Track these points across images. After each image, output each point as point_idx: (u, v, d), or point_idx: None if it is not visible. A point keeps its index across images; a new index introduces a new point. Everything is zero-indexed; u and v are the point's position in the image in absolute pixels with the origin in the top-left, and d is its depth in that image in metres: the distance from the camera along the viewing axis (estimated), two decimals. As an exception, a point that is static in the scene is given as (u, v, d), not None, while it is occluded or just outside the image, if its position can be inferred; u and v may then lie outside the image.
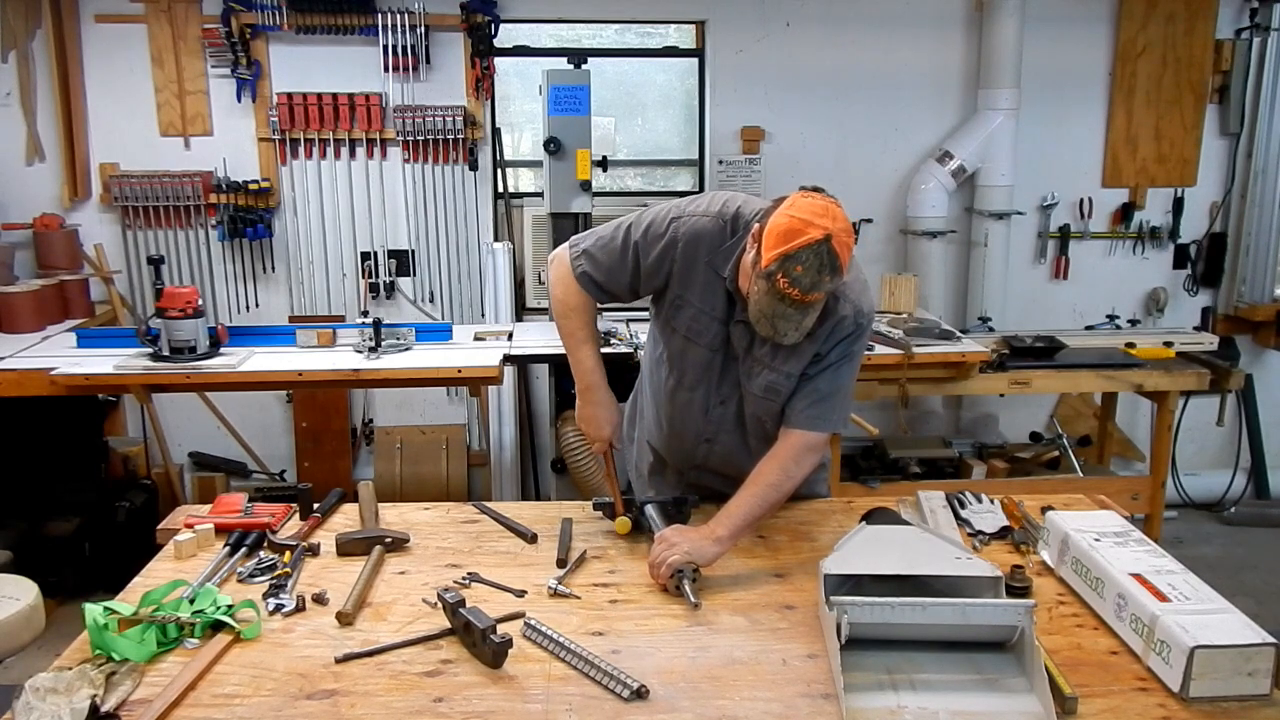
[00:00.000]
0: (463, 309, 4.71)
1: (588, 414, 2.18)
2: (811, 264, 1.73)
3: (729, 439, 2.16)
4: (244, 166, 4.48)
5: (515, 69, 4.73)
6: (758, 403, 2.06)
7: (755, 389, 2.03)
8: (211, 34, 4.33)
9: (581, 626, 1.72)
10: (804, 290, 1.74)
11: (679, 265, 2.02)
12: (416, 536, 2.06)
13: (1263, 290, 4.81)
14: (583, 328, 2.14)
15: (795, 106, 4.64)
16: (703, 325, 2.04)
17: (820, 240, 1.73)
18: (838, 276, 1.77)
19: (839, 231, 1.75)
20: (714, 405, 2.13)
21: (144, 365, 3.44)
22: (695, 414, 2.15)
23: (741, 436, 2.15)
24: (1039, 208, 4.78)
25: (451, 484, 4.71)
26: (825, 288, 1.76)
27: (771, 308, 1.78)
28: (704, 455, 2.20)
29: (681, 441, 2.22)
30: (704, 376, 2.10)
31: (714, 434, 2.16)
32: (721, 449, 2.18)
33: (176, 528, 2.09)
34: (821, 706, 1.49)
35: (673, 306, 2.07)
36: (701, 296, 2.02)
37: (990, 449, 4.58)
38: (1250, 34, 4.65)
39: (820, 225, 1.74)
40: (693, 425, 2.16)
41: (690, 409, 2.15)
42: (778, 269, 1.74)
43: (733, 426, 2.14)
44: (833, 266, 1.74)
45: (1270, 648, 1.46)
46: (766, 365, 2.00)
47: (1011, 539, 2.07)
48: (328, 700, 1.51)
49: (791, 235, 1.73)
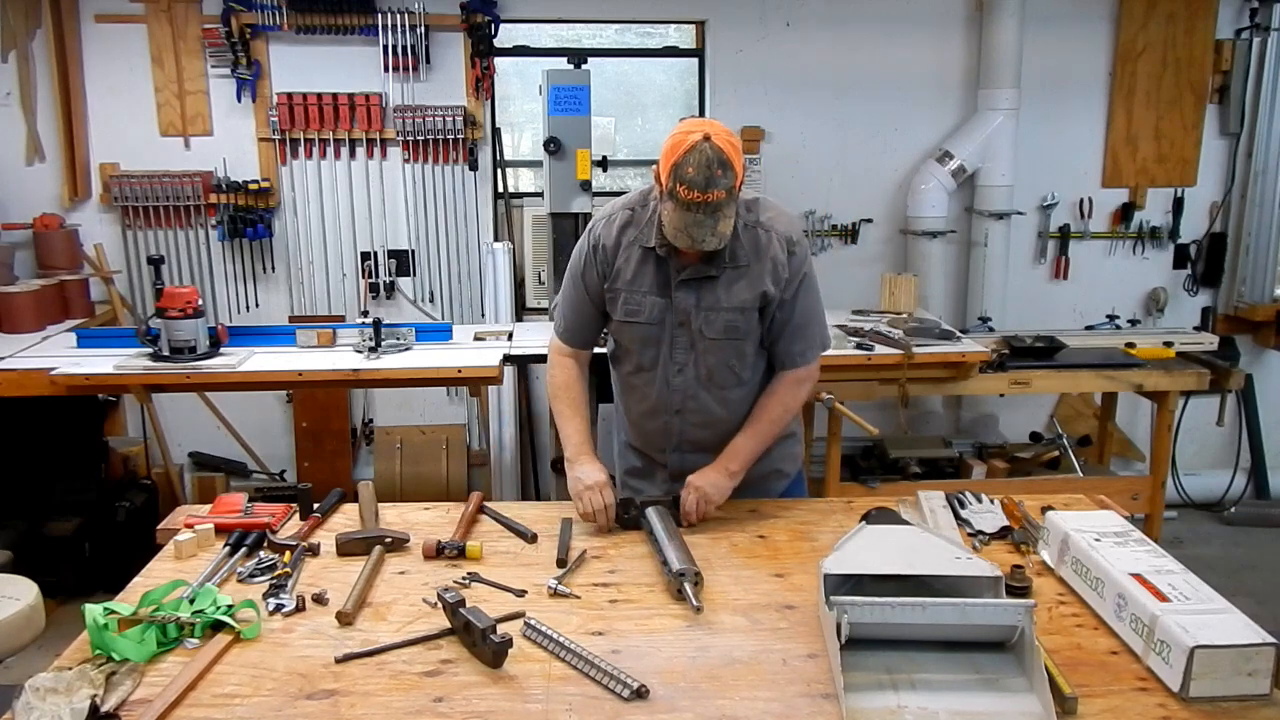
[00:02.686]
0: (463, 309, 4.71)
1: (574, 475, 2.17)
2: (699, 162, 1.89)
3: (695, 404, 2.24)
4: (244, 166, 4.48)
5: (515, 69, 4.73)
6: (723, 349, 2.17)
7: (716, 334, 2.15)
8: (211, 34, 4.33)
9: (581, 626, 1.72)
10: (701, 189, 1.89)
11: (606, 260, 2.19)
12: (416, 536, 2.06)
13: (1263, 290, 4.81)
14: (568, 405, 2.28)
15: (795, 106, 4.64)
16: (635, 302, 2.18)
17: (699, 140, 1.90)
18: (730, 172, 1.91)
19: (717, 132, 1.93)
20: (673, 375, 2.22)
21: (144, 365, 3.44)
22: (658, 389, 2.24)
23: (709, 397, 2.23)
24: (1039, 208, 4.78)
25: (451, 484, 4.71)
26: (721, 184, 1.90)
27: (682, 218, 1.93)
28: (679, 430, 2.27)
29: (654, 423, 2.29)
30: (655, 351, 2.21)
31: (681, 403, 2.24)
32: (693, 417, 2.25)
33: (176, 528, 2.09)
34: (821, 706, 1.49)
35: (610, 302, 2.22)
36: (632, 280, 2.17)
37: (990, 449, 4.57)
38: (1250, 34, 4.65)
39: (698, 130, 1.92)
40: (659, 402, 2.24)
41: (652, 386, 2.25)
42: (674, 181, 1.91)
43: (695, 390, 2.22)
44: (720, 161, 1.90)
45: (1270, 648, 1.46)
46: (721, 308, 2.13)
47: (1011, 539, 2.07)
48: (328, 700, 1.51)
49: (675, 148, 1.93)
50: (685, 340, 2.18)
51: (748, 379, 2.23)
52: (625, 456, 2.45)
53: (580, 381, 2.32)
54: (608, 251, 2.18)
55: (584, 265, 2.22)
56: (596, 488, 2.11)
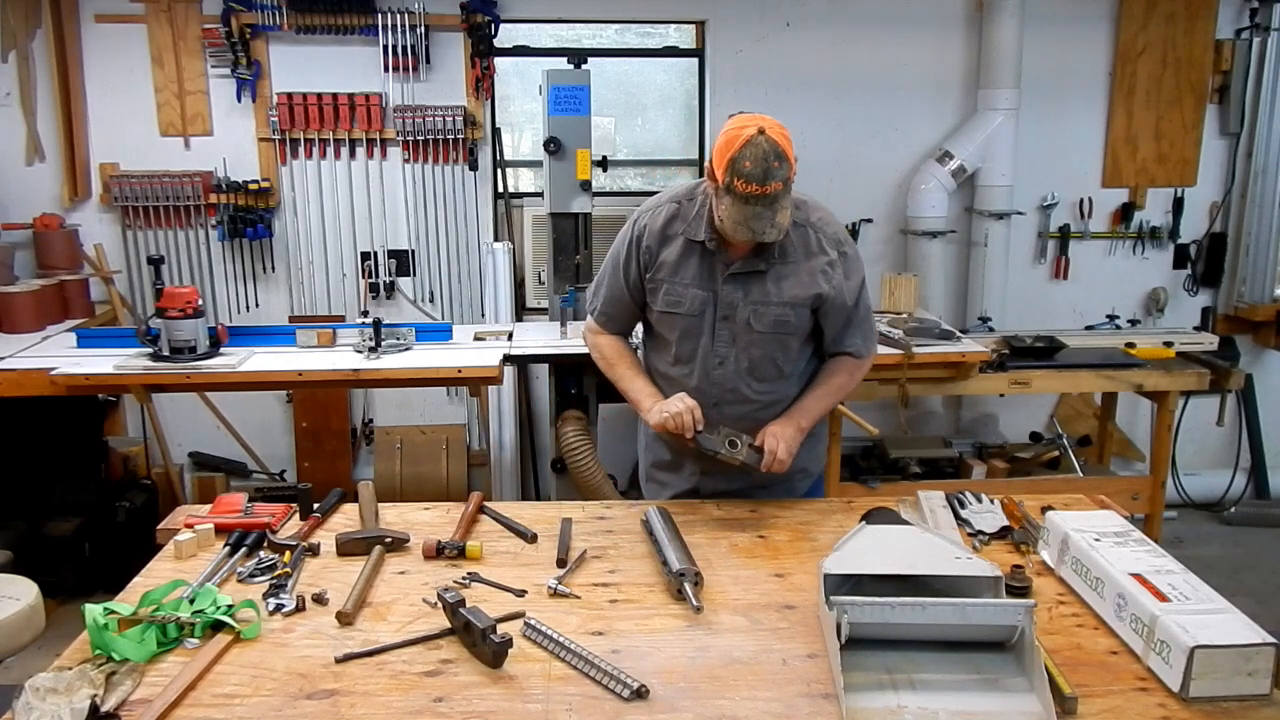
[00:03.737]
0: (463, 309, 4.71)
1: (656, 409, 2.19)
2: (755, 155, 1.92)
3: (734, 396, 2.25)
4: (244, 166, 4.48)
5: (515, 69, 4.73)
6: (769, 343, 2.20)
7: (765, 328, 2.18)
8: (211, 34, 4.33)
9: (581, 626, 1.72)
10: (759, 182, 1.92)
11: (650, 251, 2.21)
12: (416, 536, 2.05)
13: (1263, 290, 4.81)
14: (629, 367, 2.33)
15: (795, 106, 4.63)
16: (677, 294, 2.20)
17: (754, 134, 1.93)
18: (785, 164, 1.94)
19: (770, 125, 1.96)
20: (713, 368, 2.23)
21: (144, 365, 3.44)
22: (698, 382, 2.25)
23: (748, 390, 2.24)
24: (1039, 208, 4.78)
25: (451, 484, 4.71)
26: (778, 175, 1.93)
27: (742, 212, 1.96)
28: (716, 422, 2.26)
29: None
30: (694, 343, 2.23)
31: (720, 396, 2.25)
32: (731, 410, 2.25)
33: (176, 528, 2.09)
34: (821, 706, 1.49)
35: (651, 292, 2.25)
36: (675, 272, 2.20)
37: (990, 449, 4.57)
38: (1250, 34, 4.65)
39: (752, 124, 1.95)
40: (698, 395, 2.23)
41: (691, 379, 2.26)
42: (731, 175, 1.94)
43: (735, 382, 2.24)
44: (776, 154, 1.93)
45: (1270, 648, 1.46)
46: (771, 303, 2.16)
47: (1011, 539, 2.07)
48: (328, 700, 1.51)
49: (730, 143, 1.96)
50: (728, 334, 2.20)
51: (790, 373, 2.27)
52: (653, 449, 2.46)
53: (629, 347, 2.37)
54: (652, 242, 2.21)
55: (626, 255, 2.25)
56: (679, 398, 2.15)
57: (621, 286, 2.28)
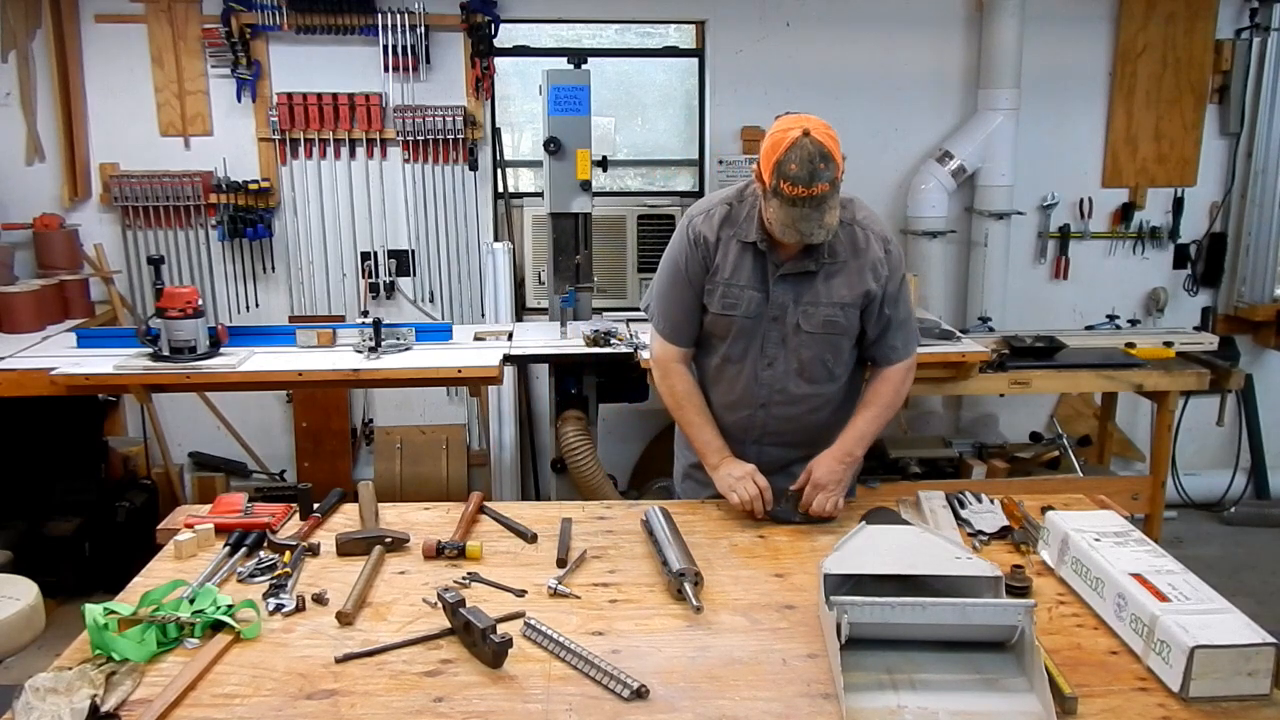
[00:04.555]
0: (463, 309, 4.71)
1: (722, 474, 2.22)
2: (801, 158, 1.92)
3: (783, 397, 2.26)
4: (244, 166, 4.48)
5: (515, 69, 4.73)
6: (819, 344, 2.21)
7: (815, 328, 2.19)
8: (211, 34, 4.33)
9: (581, 626, 1.72)
10: (806, 184, 1.92)
11: (708, 253, 2.21)
12: (416, 536, 2.05)
13: (1263, 290, 4.81)
14: (697, 414, 2.31)
15: (795, 106, 4.61)
16: (734, 296, 2.20)
17: (800, 137, 1.93)
18: (832, 164, 1.94)
19: (815, 126, 1.96)
20: (762, 369, 2.24)
21: (144, 365, 3.44)
22: (746, 383, 2.26)
23: (797, 391, 2.26)
24: (1039, 208, 4.78)
25: (451, 484, 4.71)
26: (824, 177, 1.93)
27: (789, 214, 1.96)
28: (761, 423, 2.29)
29: (737, 415, 2.30)
30: (745, 344, 2.23)
31: (767, 398, 2.26)
32: (779, 410, 2.27)
33: (176, 528, 2.09)
34: (821, 706, 1.49)
35: (708, 294, 2.24)
36: (731, 272, 2.20)
37: (990, 449, 4.57)
38: (1250, 34, 4.65)
39: (796, 126, 1.95)
40: (746, 395, 2.25)
41: (739, 380, 2.26)
42: (778, 178, 1.94)
43: (784, 384, 2.25)
44: (822, 155, 1.93)
45: (1270, 648, 1.46)
46: (821, 303, 2.17)
47: (1011, 539, 2.07)
48: (328, 700, 1.51)
49: (776, 145, 1.95)
50: (778, 335, 2.21)
51: (839, 375, 2.27)
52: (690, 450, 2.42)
53: (698, 389, 2.34)
54: (709, 244, 2.21)
55: (685, 259, 2.24)
56: (747, 476, 2.17)
57: (686, 290, 2.26)
